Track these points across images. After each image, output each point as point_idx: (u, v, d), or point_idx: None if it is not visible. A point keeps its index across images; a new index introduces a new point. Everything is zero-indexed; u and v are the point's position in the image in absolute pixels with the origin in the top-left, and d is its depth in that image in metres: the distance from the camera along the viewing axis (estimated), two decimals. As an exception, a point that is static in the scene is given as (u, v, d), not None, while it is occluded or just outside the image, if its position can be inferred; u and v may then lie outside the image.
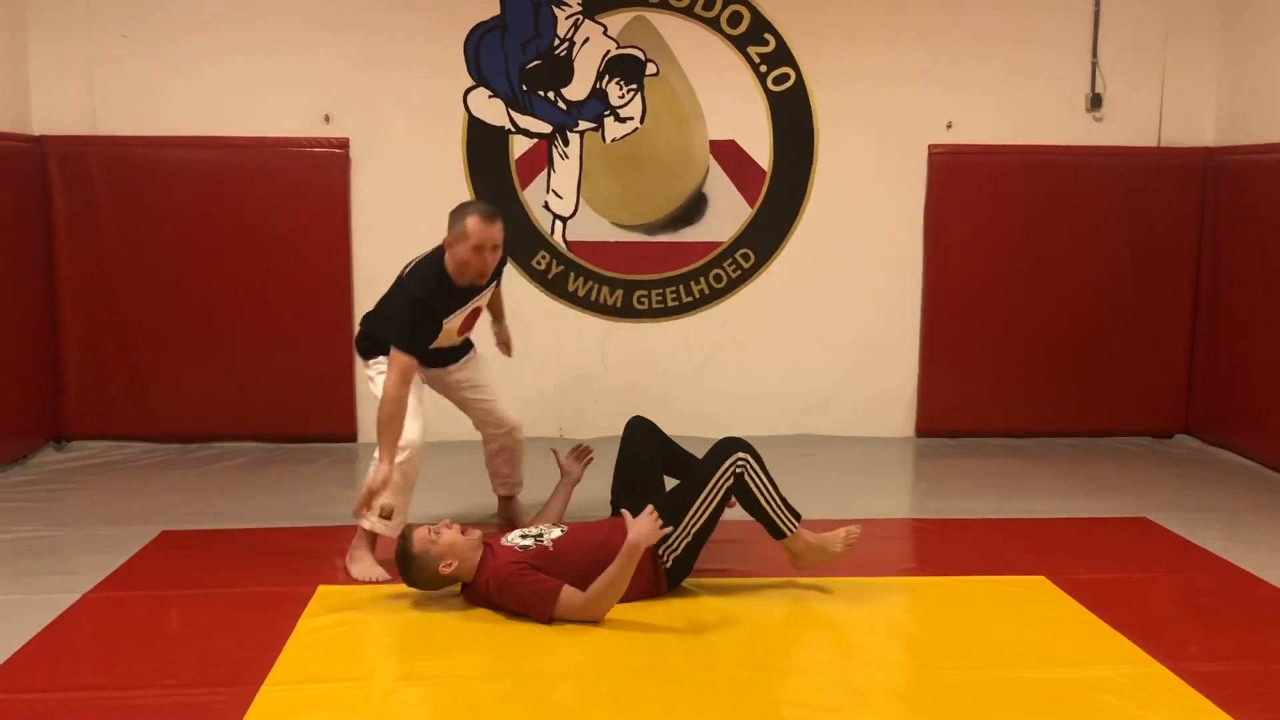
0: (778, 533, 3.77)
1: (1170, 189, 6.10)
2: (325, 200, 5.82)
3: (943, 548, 4.44)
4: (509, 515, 4.55)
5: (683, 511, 3.65)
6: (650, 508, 3.52)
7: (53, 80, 5.69)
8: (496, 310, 4.55)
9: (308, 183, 5.80)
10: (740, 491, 3.70)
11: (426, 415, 4.07)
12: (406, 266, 4.14)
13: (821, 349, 6.19)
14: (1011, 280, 6.14)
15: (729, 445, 3.74)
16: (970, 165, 6.06)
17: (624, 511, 3.78)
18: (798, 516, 3.79)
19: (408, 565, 3.57)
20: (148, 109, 5.72)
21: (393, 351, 3.85)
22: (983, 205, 6.08)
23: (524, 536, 3.64)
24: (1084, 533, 4.58)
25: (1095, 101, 6.06)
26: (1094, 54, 6.04)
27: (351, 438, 5.99)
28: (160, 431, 5.86)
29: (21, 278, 5.51)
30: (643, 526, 3.45)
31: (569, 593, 3.44)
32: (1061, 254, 6.13)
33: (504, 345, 4.63)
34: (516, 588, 3.46)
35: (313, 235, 5.83)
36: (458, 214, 3.89)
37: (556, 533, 3.66)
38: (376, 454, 3.84)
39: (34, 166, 5.60)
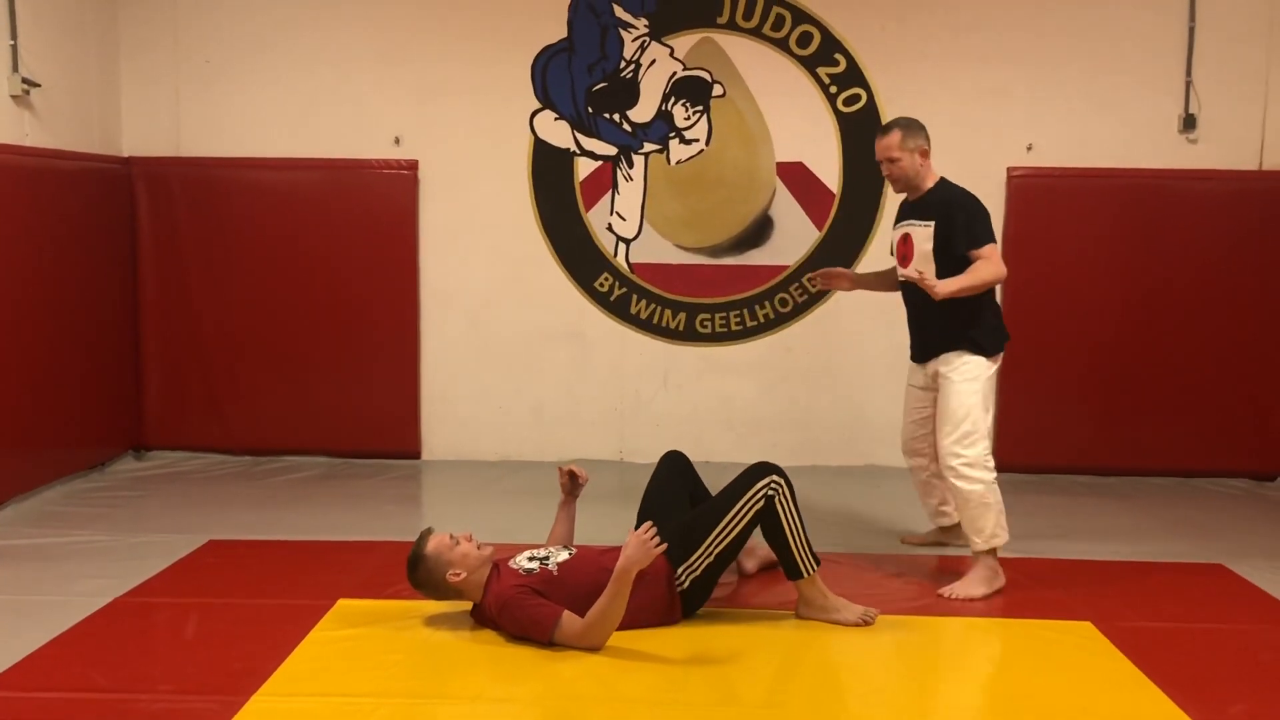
0: (795, 572, 3.65)
1: (1274, 214, 5.73)
2: (394, 221, 5.92)
3: (990, 587, 4.23)
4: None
5: (706, 531, 3.55)
6: (645, 527, 3.38)
7: (142, 104, 5.94)
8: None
9: (378, 204, 5.91)
10: (768, 517, 3.58)
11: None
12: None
13: (891, 377, 5.93)
14: (1097, 309, 5.85)
15: (762, 468, 3.63)
16: (1051, 189, 5.80)
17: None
18: (818, 561, 3.66)
19: (417, 565, 3.54)
20: (228, 131, 5.93)
21: (986, 249, 4.12)
22: (1065, 231, 5.81)
23: (530, 559, 3.59)
24: (1149, 578, 4.29)
25: (1189, 122, 5.73)
26: (1188, 72, 5.73)
27: (415, 454, 6.06)
28: (233, 444, 6.03)
29: (108, 292, 5.76)
30: (631, 550, 3.33)
31: (568, 619, 3.37)
32: (1153, 283, 5.82)
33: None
34: (515, 611, 3.41)
35: (382, 255, 5.93)
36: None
37: (564, 555, 3.60)
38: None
39: (122, 186, 5.86)
